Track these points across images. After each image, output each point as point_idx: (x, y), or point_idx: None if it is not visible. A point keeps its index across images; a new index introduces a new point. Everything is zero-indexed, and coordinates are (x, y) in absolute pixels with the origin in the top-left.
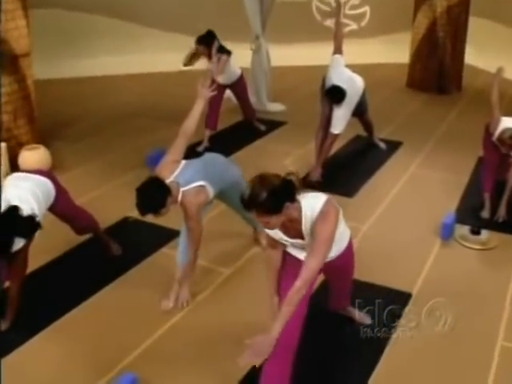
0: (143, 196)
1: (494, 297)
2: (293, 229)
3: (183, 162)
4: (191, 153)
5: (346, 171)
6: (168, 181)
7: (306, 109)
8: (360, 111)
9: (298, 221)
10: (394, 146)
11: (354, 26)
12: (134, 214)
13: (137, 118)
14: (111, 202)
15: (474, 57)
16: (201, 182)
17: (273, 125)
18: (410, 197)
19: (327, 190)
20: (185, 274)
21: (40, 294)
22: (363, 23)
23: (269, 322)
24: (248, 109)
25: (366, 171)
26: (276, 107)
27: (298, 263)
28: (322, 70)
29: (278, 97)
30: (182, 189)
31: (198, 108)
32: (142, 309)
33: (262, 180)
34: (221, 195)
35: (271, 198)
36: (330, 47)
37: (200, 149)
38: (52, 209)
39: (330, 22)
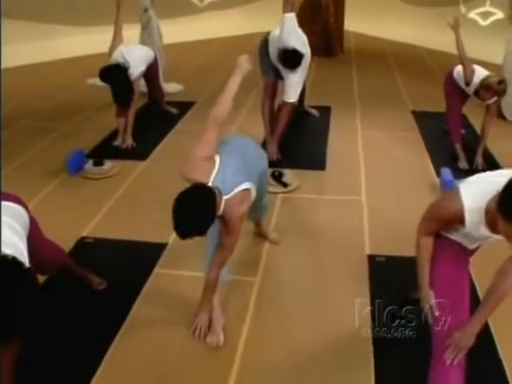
0: (192, 213)
1: None
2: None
3: (217, 158)
4: (109, 150)
5: (297, 143)
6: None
7: (205, 86)
8: None
9: None
10: (324, 111)
11: None
12: (86, 231)
13: (21, 119)
14: (48, 223)
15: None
16: (246, 185)
17: (182, 106)
18: (381, 160)
19: (294, 166)
20: (205, 296)
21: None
22: None
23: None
24: (159, 91)
25: (318, 140)
26: (174, 88)
27: (462, 251)
28: (186, 46)
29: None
30: (225, 197)
31: (234, 86)
32: (185, 354)
33: None
34: None
35: None
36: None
37: (124, 145)
38: None
39: None
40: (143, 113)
